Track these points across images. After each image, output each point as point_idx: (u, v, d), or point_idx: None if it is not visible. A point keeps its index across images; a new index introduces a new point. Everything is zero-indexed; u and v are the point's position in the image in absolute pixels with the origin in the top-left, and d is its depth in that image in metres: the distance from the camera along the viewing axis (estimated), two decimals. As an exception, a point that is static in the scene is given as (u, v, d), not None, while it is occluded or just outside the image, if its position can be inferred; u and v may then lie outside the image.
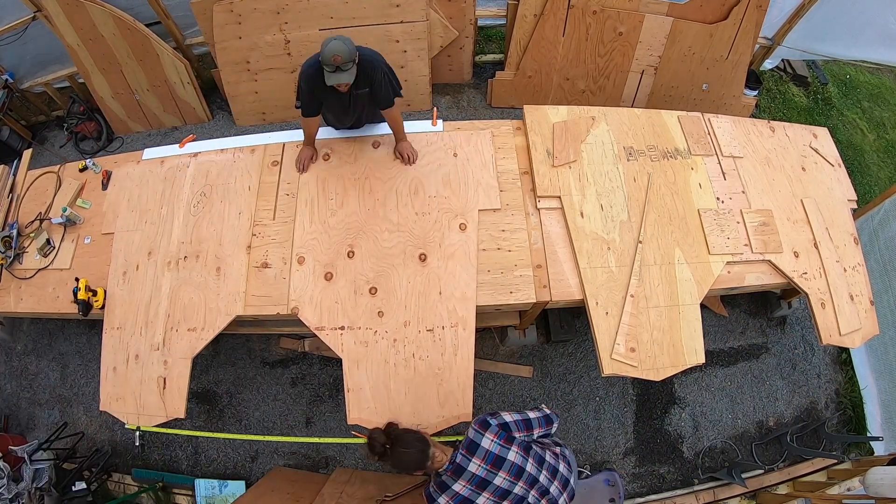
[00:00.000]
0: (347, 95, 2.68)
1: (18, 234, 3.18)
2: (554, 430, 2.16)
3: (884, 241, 3.47)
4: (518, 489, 1.93)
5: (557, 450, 2.13)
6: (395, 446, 1.93)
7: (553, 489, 2.00)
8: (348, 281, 2.74)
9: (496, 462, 1.89)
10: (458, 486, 1.89)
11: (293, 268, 2.79)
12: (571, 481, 2.08)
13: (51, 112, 4.88)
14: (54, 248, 3.09)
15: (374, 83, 2.64)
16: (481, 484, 1.89)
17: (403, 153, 3.00)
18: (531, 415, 2.09)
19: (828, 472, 3.24)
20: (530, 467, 1.95)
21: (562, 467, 2.06)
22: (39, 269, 3.08)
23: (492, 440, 1.90)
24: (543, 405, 2.23)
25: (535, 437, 2.08)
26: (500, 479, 1.89)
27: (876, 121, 5.23)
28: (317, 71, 2.49)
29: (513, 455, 1.91)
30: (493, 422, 1.96)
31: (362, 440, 2.14)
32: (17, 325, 4.01)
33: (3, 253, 3.04)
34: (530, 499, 1.96)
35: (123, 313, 2.87)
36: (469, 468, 1.88)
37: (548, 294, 2.70)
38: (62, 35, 3.94)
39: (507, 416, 2.01)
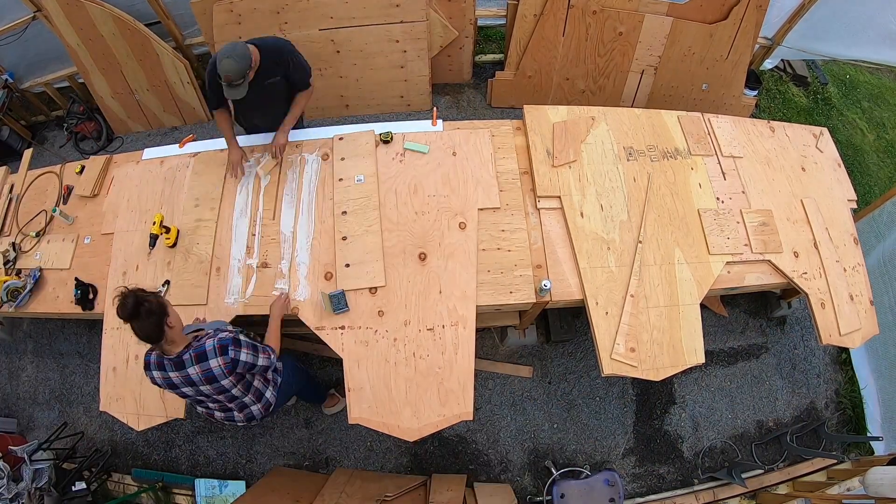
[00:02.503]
0: (261, 87, 2.77)
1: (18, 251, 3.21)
2: (269, 365, 2.38)
3: (889, 241, 3.45)
4: (219, 397, 2.29)
5: (270, 375, 2.51)
6: (139, 316, 2.00)
7: (254, 408, 2.45)
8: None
9: (211, 379, 2.18)
10: (173, 375, 2.16)
11: (293, 268, 2.79)
12: (253, 410, 2.46)
13: (51, 112, 4.88)
14: (26, 294, 3.05)
15: (288, 68, 2.83)
16: (191, 383, 2.18)
17: (276, 144, 3.01)
18: (260, 362, 2.29)
19: (828, 472, 3.24)
20: (235, 391, 2.30)
21: (268, 392, 2.50)
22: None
23: (220, 364, 2.16)
24: (271, 352, 2.37)
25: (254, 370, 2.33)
26: (207, 389, 2.21)
27: (876, 121, 5.23)
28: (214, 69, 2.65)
29: (226, 382, 2.23)
30: (231, 353, 2.16)
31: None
32: (17, 325, 4.01)
33: (6, 301, 3.05)
34: (232, 406, 2.38)
35: (123, 313, 2.87)
36: (188, 370, 2.15)
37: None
38: (62, 35, 3.95)
39: (244, 355, 2.21)
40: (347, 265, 2.75)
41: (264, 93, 2.86)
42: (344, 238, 2.82)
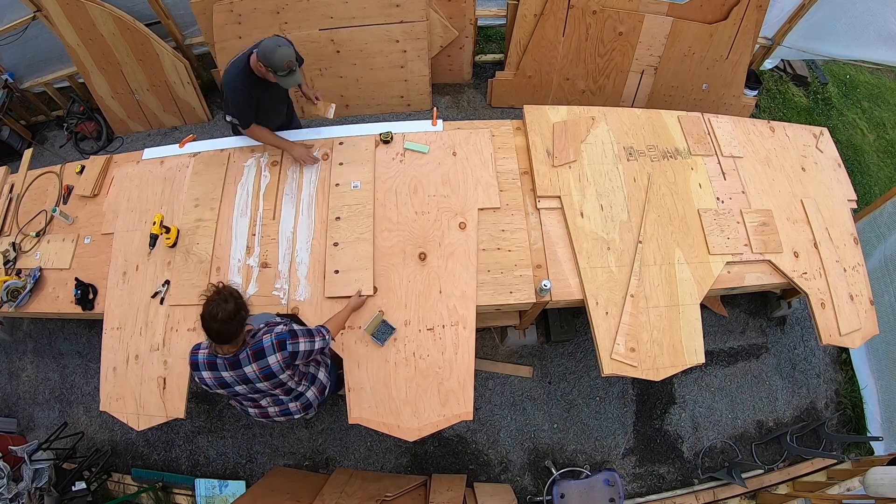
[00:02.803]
0: (283, 88, 2.85)
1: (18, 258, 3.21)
2: (325, 345, 2.33)
3: (890, 242, 3.45)
4: (274, 391, 2.27)
5: (320, 357, 2.48)
6: (231, 321, 1.97)
7: (309, 393, 2.43)
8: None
9: (269, 376, 2.14)
10: (226, 374, 2.11)
11: (293, 268, 2.79)
12: (312, 401, 2.47)
13: (51, 112, 4.88)
14: (26, 294, 3.05)
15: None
16: (246, 381, 2.14)
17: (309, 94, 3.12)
18: (316, 345, 2.24)
19: (828, 472, 3.24)
20: (291, 383, 2.28)
21: (321, 374, 2.50)
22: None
23: (278, 360, 2.12)
24: (325, 332, 2.32)
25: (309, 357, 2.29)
26: (264, 385, 2.18)
27: (876, 121, 5.23)
28: (250, 78, 2.69)
29: (284, 377, 2.19)
30: (289, 348, 2.13)
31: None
32: (17, 325, 4.01)
33: (6, 301, 3.04)
34: (286, 399, 2.35)
35: (123, 313, 2.87)
36: (245, 369, 2.10)
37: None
38: (62, 35, 3.95)
39: (303, 345, 2.17)
40: (337, 272, 2.75)
41: (285, 93, 3.04)
42: (336, 244, 2.81)
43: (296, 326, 2.23)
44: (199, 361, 2.14)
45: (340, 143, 3.12)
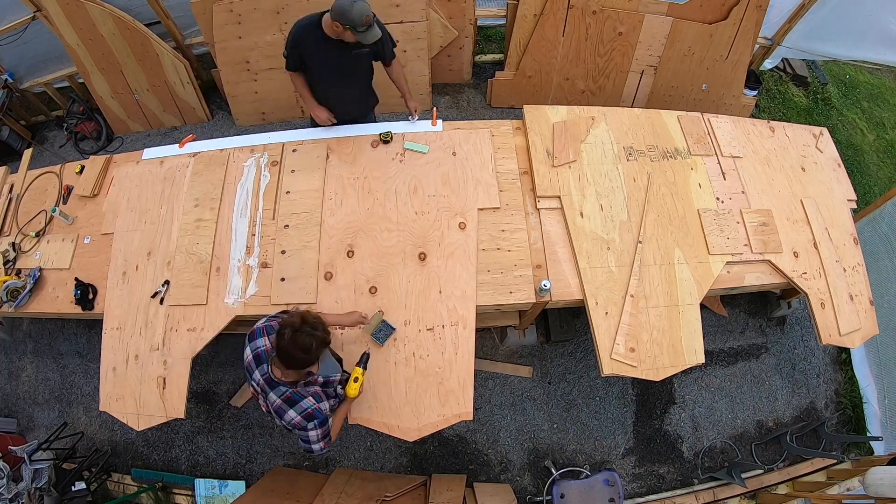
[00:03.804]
0: (349, 56, 2.73)
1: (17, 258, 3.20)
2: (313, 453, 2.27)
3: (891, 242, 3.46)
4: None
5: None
6: (310, 351, 1.98)
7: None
8: (348, 280, 2.74)
9: (279, 415, 2.13)
10: (257, 375, 2.12)
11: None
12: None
13: (51, 112, 4.88)
14: (26, 294, 3.05)
15: (380, 39, 2.68)
16: (263, 393, 2.14)
17: (413, 107, 3.12)
18: (314, 447, 2.21)
19: (827, 472, 3.24)
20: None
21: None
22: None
23: (295, 420, 2.11)
24: (327, 442, 2.25)
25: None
26: (267, 410, 2.18)
27: (876, 121, 5.23)
28: (311, 32, 2.63)
29: (284, 425, 2.16)
30: (309, 426, 2.13)
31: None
32: (17, 325, 4.01)
33: (5, 301, 3.04)
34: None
35: (123, 313, 2.87)
36: (271, 394, 2.11)
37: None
38: (62, 35, 3.95)
39: (312, 435, 2.16)
40: (283, 279, 2.75)
41: (351, 62, 2.84)
42: (283, 252, 2.81)
43: (331, 420, 2.21)
44: (257, 344, 2.14)
45: (294, 151, 3.11)
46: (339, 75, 2.94)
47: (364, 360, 2.34)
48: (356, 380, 2.27)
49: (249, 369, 2.15)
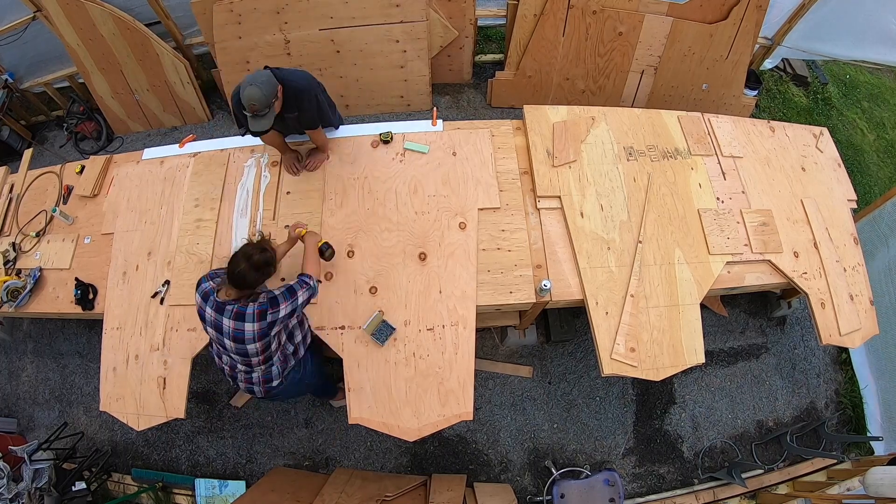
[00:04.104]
0: (279, 119, 2.62)
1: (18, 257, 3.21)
2: (312, 293, 2.33)
3: (892, 242, 3.45)
4: (234, 356, 2.28)
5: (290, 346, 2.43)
6: (259, 269, 2.10)
7: (256, 370, 2.35)
8: (348, 280, 2.74)
9: (239, 340, 2.17)
10: (209, 312, 2.19)
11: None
12: (274, 383, 2.42)
13: (51, 112, 4.88)
14: (26, 294, 3.05)
15: (300, 109, 2.68)
16: (218, 329, 2.19)
17: (313, 160, 3.02)
18: (300, 299, 2.25)
19: (828, 472, 3.24)
20: (255, 360, 2.27)
21: (275, 367, 2.38)
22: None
23: (254, 329, 2.14)
24: (308, 279, 2.31)
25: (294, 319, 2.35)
26: (229, 343, 2.20)
27: (876, 121, 5.23)
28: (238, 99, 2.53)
29: (251, 347, 2.20)
30: (269, 318, 2.14)
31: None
32: (17, 325, 4.01)
33: (6, 301, 3.04)
34: (237, 360, 2.31)
35: (123, 313, 2.87)
36: (224, 318, 2.15)
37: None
38: (62, 35, 3.95)
39: (282, 310, 2.18)
40: (283, 279, 2.73)
41: (285, 125, 2.79)
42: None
43: (277, 291, 2.21)
44: (202, 286, 2.25)
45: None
46: (283, 132, 2.97)
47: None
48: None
49: (201, 311, 2.22)
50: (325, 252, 2.63)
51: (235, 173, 3.09)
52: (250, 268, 2.07)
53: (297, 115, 2.71)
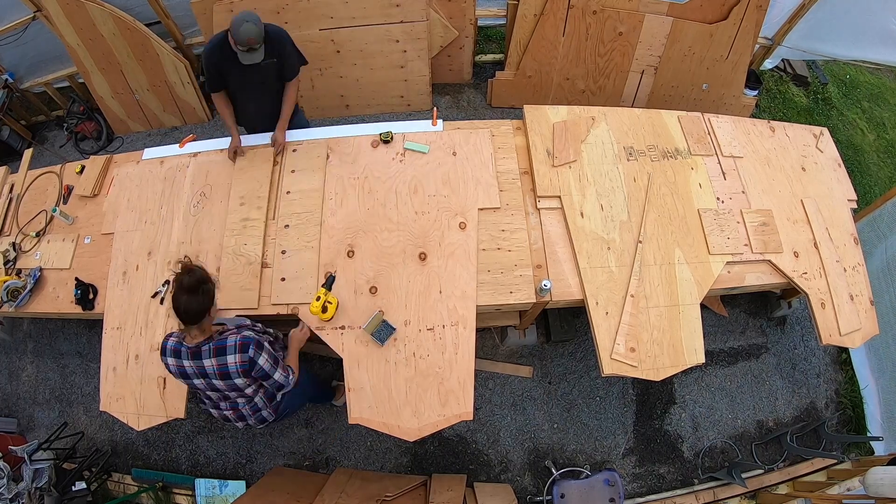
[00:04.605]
0: (257, 67, 2.81)
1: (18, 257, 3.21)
2: (285, 385, 2.35)
3: (892, 241, 3.45)
4: (230, 394, 2.28)
5: (279, 397, 2.46)
6: (196, 292, 2.04)
7: (256, 395, 2.36)
8: (348, 280, 2.74)
9: (224, 375, 2.16)
10: (187, 364, 2.16)
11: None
12: (278, 397, 2.46)
13: (51, 112, 4.88)
14: (26, 294, 3.05)
15: (283, 53, 2.91)
16: (204, 375, 2.17)
17: (276, 143, 3.08)
18: (276, 377, 2.27)
19: (828, 472, 3.24)
20: (249, 390, 2.28)
21: (265, 412, 2.42)
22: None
23: (236, 362, 2.13)
24: (291, 372, 2.37)
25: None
26: (220, 384, 2.19)
27: (876, 121, 5.23)
28: (220, 48, 2.76)
29: (239, 382, 2.19)
30: (250, 353, 2.14)
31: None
32: (17, 325, 4.01)
33: (6, 301, 3.04)
34: (233, 397, 2.31)
35: (123, 313, 2.87)
36: (204, 361, 2.13)
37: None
38: (62, 35, 3.95)
39: (262, 361, 2.18)
40: (283, 279, 2.75)
41: (259, 73, 2.90)
42: (283, 252, 2.81)
43: (266, 343, 2.23)
44: (167, 347, 2.20)
45: (294, 150, 3.11)
46: (251, 89, 3.05)
47: (329, 283, 2.46)
48: (318, 298, 2.42)
49: (180, 370, 2.19)
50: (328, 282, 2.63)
51: (236, 173, 3.08)
52: (187, 294, 2.00)
53: (278, 61, 2.91)
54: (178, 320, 2.08)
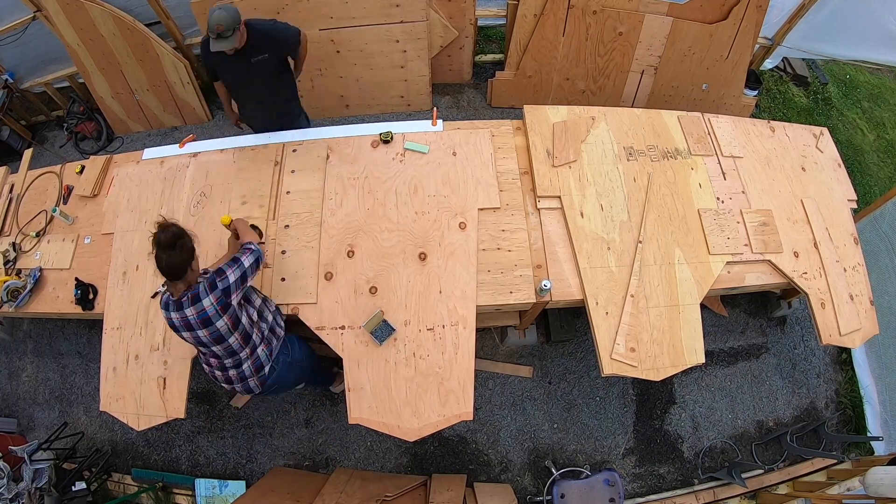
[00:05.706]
0: (248, 65, 2.82)
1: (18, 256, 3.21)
2: (257, 256, 2.35)
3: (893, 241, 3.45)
4: (215, 348, 2.27)
5: (265, 324, 2.43)
6: (174, 248, 2.07)
7: (245, 361, 2.36)
8: (348, 280, 2.74)
9: (206, 321, 2.16)
10: (174, 316, 2.18)
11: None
12: (266, 370, 2.43)
13: (51, 112, 4.88)
14: (26, 294, 3.06)
15: (273, 43, 2.89)
16: (189, 327, 2.18)
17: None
18: (245, 263, 2.26)
19: (828, 472, 3.24)
20: (233, 340, 2.26)
21: (260, 350, 2.39)
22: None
23: (212, 302, 2.14)
24: (250, 246, 2.35)
25: (249, 284, 2.32)
26: (202, 333, 2.19)
27: (876, 121, 5.23)
28: (206, 46, 2.75)
29: (221, 325, 2.19)
30: (220, 285, 2.16)
31: None
32: (17, 325, 4.01)
33: (6, 301, 3.04)
34: (220, 354, 2.31)
35: (123, 313, 2.87)
36: (186, 311, 2.14)
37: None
38: (62, 35, 3.95)
39: (231, 275, 2.19)
40: (283, 279, 2.75)
41: (251, 70, 2.90)
42: (283, 252, 2.82)
43: (222, 263, 2.26)
44: (162, 300, 2.25)
45: (294, 151, 3.11)
46: (248, 87, 3.06)
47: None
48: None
49: (171, 322, 2.21)
50: (255, 231, 2.65)
51: (236, 173, 3.08)
52: (166, 251, 2.05)
53: (270, 55, 2.89)
54: (164, 276, 2.13)
